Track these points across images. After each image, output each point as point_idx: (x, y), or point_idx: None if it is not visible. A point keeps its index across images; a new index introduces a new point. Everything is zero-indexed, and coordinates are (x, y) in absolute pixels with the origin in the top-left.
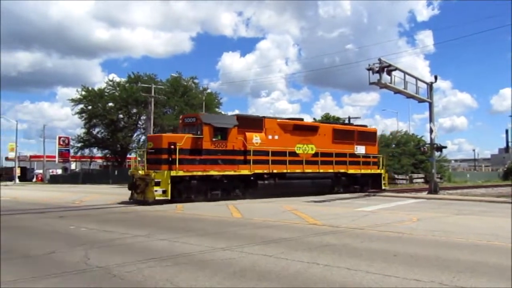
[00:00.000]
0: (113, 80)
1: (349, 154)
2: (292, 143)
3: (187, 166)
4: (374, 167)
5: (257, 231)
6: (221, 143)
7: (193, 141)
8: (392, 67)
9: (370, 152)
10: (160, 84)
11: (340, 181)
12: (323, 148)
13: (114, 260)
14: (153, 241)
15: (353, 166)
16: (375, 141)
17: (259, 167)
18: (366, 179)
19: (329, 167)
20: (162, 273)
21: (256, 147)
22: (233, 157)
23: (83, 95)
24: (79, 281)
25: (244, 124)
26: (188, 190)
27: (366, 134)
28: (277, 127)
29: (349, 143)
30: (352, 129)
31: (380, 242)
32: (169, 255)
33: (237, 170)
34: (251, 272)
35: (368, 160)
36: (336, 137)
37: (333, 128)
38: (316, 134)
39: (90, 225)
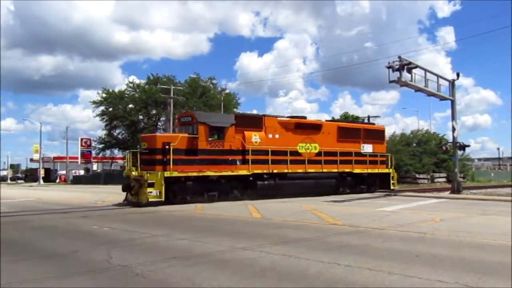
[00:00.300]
0: (133, 82)
1: (354, 153)
2: (294, 142)
3: (182, 167)
4: (382, 167)
5: (277, 231)
6: (217, 142)
7: (188, 140)
8: (412, 64)
9: (378, 150)
10: (179, 85)
11: (346, 181)
12: (327, 147)
13: (136, 259)
14: (174, 241)
15: (359, 165)
16: (383, 140)
17: (258, 167)
18: (373, 179)
19: (333, 166)
20: (183, 272)
21: (255, 147)
22: (230, 157)
23: (104, 97)
24: (103, 279)
25: (242, 123)
26: (184, 191)
27: (374, 132)
28: (278, 126)
29: (355, 142)
30: (358, 127)
31: (402, 243)
32: (190, 255)
33: (235, 171)
34: (271, 272)
35: (375, 159)
36: (341, 136)
37: (338, 126)
38: (320, 133)
39: (112, 224)
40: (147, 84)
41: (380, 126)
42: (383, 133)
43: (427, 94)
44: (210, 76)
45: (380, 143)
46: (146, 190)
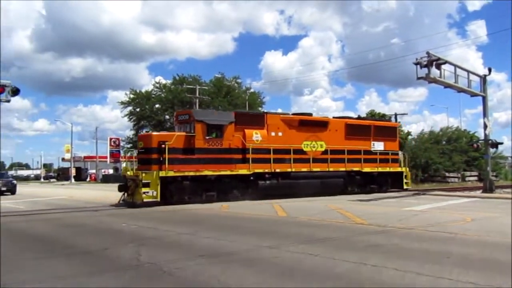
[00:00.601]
0: (159, 82)
1: (363, 151)
2: (298, 140)
3: (178, 166)
4: (394, 165)
5: (303, 229)
6: (216, 141)
7: (185, 139)
8: (441, 60)
9: (389, 148)
10: (204, 85)
11: (355, 180)
12: (334, 145)
13: (164, 257)
14: (200, 239)
15: (369, 164)
16: (396, 137)
17: (260, 166)
18: (384, 178)
19: (340, 165)
20: (209, 270)
21: (256, 145)
22: (229, 156)
23: (132, 98)
24: (132, 276)
25: (243, 120)
26: (181, 191)
27: (385, 129)
28: (281, 123)
29: (364, 139)
30: (368, 124)
31: (431, 243)
32: (216, 253)
33: (235, 170)
34: (298, 271)
35: (387, 157)
36: (350, 133)
37: (345, 123)
38: (326, 130)
39: (140, 222)
40: (173, 84)
41: (392, 122)
42: (395, 130)
43: (457, 90)
44: (234, 76)
45: (392, 140)
46: (141, 190)
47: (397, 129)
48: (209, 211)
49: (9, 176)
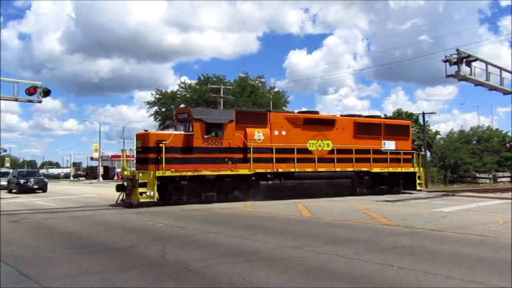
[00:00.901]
0: (184, 82)
1: (373, 150)
2: (303, 139)
3: (175, 166)
4: (407, 165)
5: (328, 230)
6: (215, 140)
7: (183, 138)
8: (472, 57)
9: (401, 147)
10: (228, 84)
11: (363, 181)
12: (342, 144)
13: (189, 255)
14: (225, 238)
15: (379, 164)
16: (408, 136)
17: (261, 166)
18: (396, 179)
19: (348, 165)
20: (234, 269)
21: (257, 144)
22: (229, 155)
23: (157, 98)
24: (158, 273)
25: (244, 119)
26: (179, 192)
27: (397, 127)
28: (285, 122)
29: (374, 138)
30: (378, 122)
31: (461, 246)
32: (241, 252)
33: (235, 170)
34: (322, 271)
35: (398, 157)
36: (358, 132)
37: (354, 122)
38: (333, 129)
39: (166, 221)
40: (197, 84)
41: (404, 121)
42: (407, 128)
43: (488, 88)
44: (258, 75)
45: (405, 139)
46: (137, 190)
47: (409, 127)
48: (233, 211)
49: (40, 175)
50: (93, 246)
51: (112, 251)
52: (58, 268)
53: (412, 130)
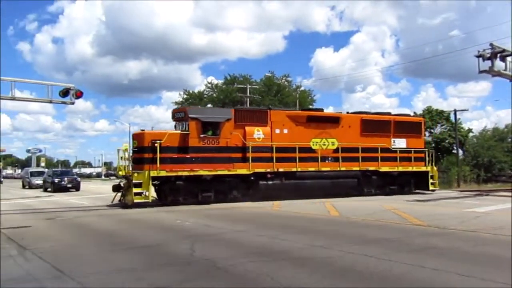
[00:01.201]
0: (211, 82)
1: (381, 148)
2: (306, 137)
3: (170, 166)
4: (419, 164)
5: (356, 230)
6: (212, 139)
7: (180, 138)
8: (506, 51)
9: (413, 146)
10: (254, 84)
11: (371, 181)
12: (348, 143)
13: (218, 254)
14: (253, 237)
15: (387, 162)
16: (420, 133)
17: (261, 166)
18: (406, 178)
19: (354, 164)
20: (262, 268)
21: (257, 143)
22: (227, 155)
23: (185, 98)
24: (188, 271)
25: (243, 117)
26: (175, 192)
27: (408, 124)
28: (287, 120)
29: (383, 136)
30: (387, 119)
31: (496, 247)
32: (269, 251)
33: (233, 170)
34: (352, 272)
35: (408, 156)
36: (366, 129)
37: (361, 119)
38: (339, 126)
39: (193, 219)
40: (224, 84)
41: (416, 117)
42: (420, 125)
43: None
44: (284, 74)
45: (417, 137)
46: (132, 191)
47: (422, 124)
48: (260, 210)
49: (74, 174)
50: (124, 244)
51: (143, 249)
52: (92, 264)
53: (443, 128)
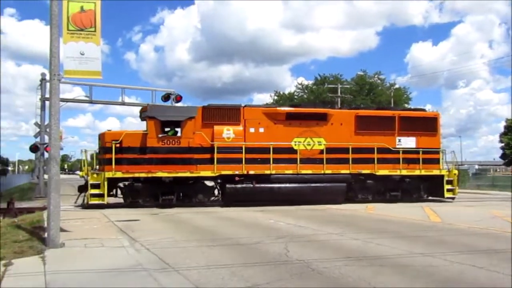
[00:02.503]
0: (301, 83)
1: (378, 148)
2: (286, 136)
3: (127, 167)
4: (432, 167)
5: (461, 238)
6: (172, 139)
7: (141, 138)
8: None
9: (426, 145)
10: (345, 83)
11: (367, 186)
12: (338, 142)
13: (311, 255)
14: (347, 240)
15: (387, 165)
16: (435, 131)
17: (228, 168)
18: (414, 183)
19: (342, 166)
20: (358, 272)
21: (225, 143)
22: (189, 156)
23: (276, 100)
24: (281, 271)
25: (212, 116)
26: (134, 194)
27: (418, 121)
28: (263, 118)
29: (385, 134)
30: (390, 114)
31: None
32: (364, 255)
33: (195, 172)
34: (457, 283)
35: (416, 157)
36: (362, 127)
37: (356, 115)
38: (327, 124)
39: (286, 219)
40: (314, 85)
41: (429, 112)
42: (434, 121)
43: None
44: (377, 71)
45: (430, 135)
46: (89, 192)
47: (437, 120)
48: (354, 212)
49: None
50: (221, 240)
51: (239, 246)
52: (193, 258)
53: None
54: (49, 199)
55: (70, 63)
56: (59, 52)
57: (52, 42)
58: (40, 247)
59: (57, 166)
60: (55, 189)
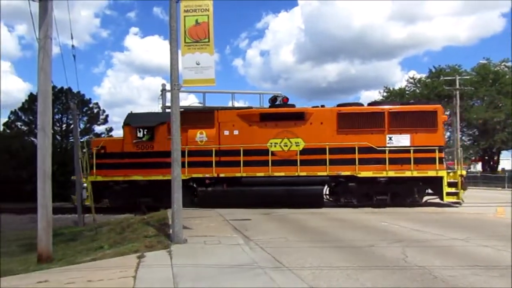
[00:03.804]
0: (413, 77)
1: (360, 148)
2: (262, 138)
3: (107, 171)
4: (427, 167)
5: None
6: (146, 144)
7: (119, 144)
8: None
9: (425, 143)
10: (464, 74)
11: (349, 189)
12: (318, 142)
13: (433, 261)
14: (474, 247)
15: (371, 166)
16: (435, 126)
17: (200, 171)
18: (407, 186)
19: (319, 168)
20: (489, 283)
21: (197, 147)
22: (162, 160)
23: (385, 96)
24: (399, 277)
25: (186, 120)
26: (114, 197)
27: (413, 115)
28: (237, 120)
29: (372, 132)
30: (378, 110)
31: None
32: (496, 265)
33: (167, 175)
34: None
35: (407, 157)
36: (345, 125)
37: (338, 113)
38: (306, 123)
39: (400, 222)
40: (428, 78)
41: (427, 105)
42: (434, 116)
43: None
44: (503, 59)
45: (429, 131)
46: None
47: (437, 114)
48: (480, 216)
49: None
50: (334, 242)
51: (353, 248)
52: (306, 258)
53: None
54: (173, 199)
55: (187, 73)
56: (177, 64)
57: (172, 55)
58: (166, 242)
59: (179, 168)
60: (178, 190)
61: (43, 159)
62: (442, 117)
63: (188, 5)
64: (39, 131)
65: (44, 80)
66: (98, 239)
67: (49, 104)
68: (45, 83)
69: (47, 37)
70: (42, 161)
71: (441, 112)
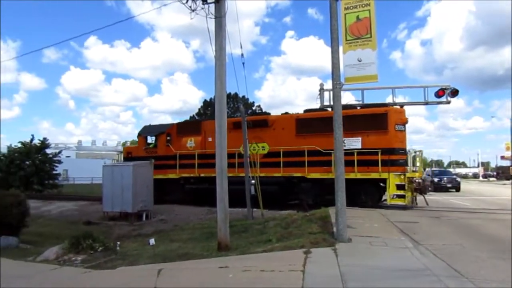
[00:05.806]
0: None
1: (309, 151)
2: (236, 143)
3: None
4: (372, 169)
5: None
6: (152, 150)
7: (138, 150)
8: None
9: (375, 145)
10: None
11: (304, 189)
12: (278, 146)
13: None
14: None
15: (319, 168)
16: (386, 128)
17: (187, 171)
18: (353, 188)
19: (276, 170)
20: None
21: (187, 151)
22: (163, 162)
23: None
24: None
25: (183, 129)
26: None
27: (364, 118)
28: None
29: (327, 136)
30: (329, 115)
31: None
32: None
33: (166, 174)
34: None
35: (351, 159)
36: (302, 130)
37: (296, 119)
38: (270, 129)
39: None
40: None
41: (378, 108)
42: (384, 118)
43: None
44: None
45: (380, 133)
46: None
47: (387, 116)
48: None
49: (452, 174)
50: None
51: None
52: (488, 270)
53: None
54: (336, 197)
55: (349, 71)
56: (339, 63)
57: (333, 54)
58: (330, 240)
59: (342, 166)
60: (341, 188)
61: (220, 158)
62: (398, 119)
63: (349, 2)
64: (216, 133)
65: (220, 87)
66: (266, 233)
67: (224, 108)
68: (221, 89)
69: (222, 49)
70: (220, 160)
71: (393, 114)
